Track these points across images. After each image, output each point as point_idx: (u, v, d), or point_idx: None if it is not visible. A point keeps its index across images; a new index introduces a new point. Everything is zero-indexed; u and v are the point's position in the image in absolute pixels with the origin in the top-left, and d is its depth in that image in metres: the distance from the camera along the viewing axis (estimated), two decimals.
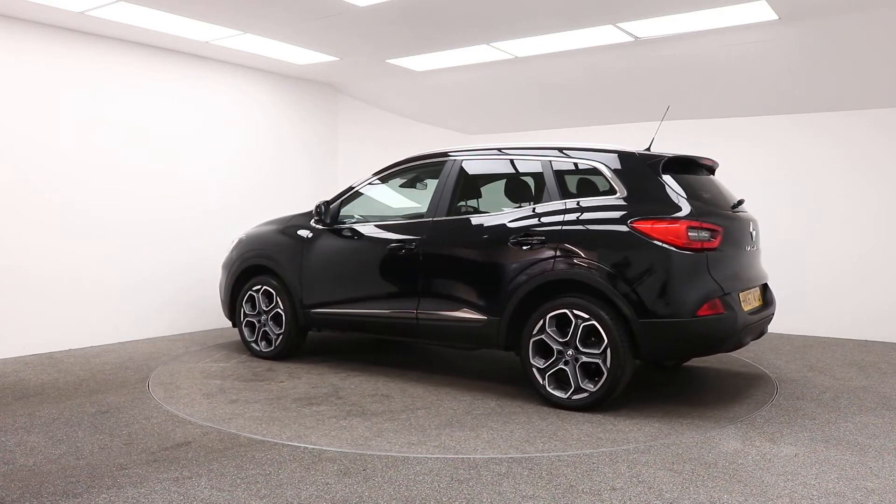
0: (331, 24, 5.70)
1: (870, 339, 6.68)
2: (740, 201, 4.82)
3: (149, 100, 6.53)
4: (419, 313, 4.85)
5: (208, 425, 3.93)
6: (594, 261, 4.22)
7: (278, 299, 5.56)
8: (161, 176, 6.64)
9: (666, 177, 4.32)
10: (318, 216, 5.44)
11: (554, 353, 4.30)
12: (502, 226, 4.60)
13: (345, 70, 7.40)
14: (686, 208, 4.16)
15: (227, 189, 7.22)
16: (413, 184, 5.67)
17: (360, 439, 3.72)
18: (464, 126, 9.11)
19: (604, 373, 4.15)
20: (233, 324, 5.97)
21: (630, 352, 4.15)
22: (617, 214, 4.24)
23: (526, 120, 8.45)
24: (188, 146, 6.87)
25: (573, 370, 4.24)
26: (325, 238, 5.41)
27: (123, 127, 6.34)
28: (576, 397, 4.23)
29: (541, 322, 4.34)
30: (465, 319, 4.66)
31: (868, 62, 5.89)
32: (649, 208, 4.19)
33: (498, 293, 4.52)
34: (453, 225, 4.85)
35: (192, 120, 6.91)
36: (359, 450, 3.55)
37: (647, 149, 4.58)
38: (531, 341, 4.39)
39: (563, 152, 4.67)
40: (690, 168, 4.66)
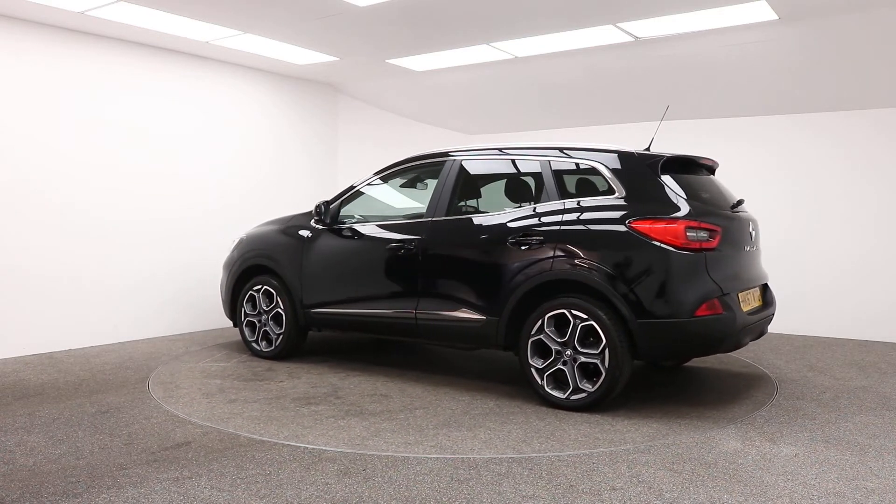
0: (331, 24, 5.70)
1: (870, 339, 6.68)
2: (740, 201, 4.81)
3: (149, 100, 6.53)
4: (418, 313, 4.85)
5: (208, 425, 3.94)
6: (593, 261, 4.21)
7: (279, 299, 5.57)
8: (161, 176, 6.65)
9: (665, 177, 4.31)
10: (318, 216, 5.44)
11: (552, 353, 4.30)
12: (501, 226, 4.60)
13: (345, 70, 7.41)
14: (685, 208, 4.16)
15: (227, 189, 7.23)
16: (413, 184, 5.67)
17: (358, 439, 3.72)
18: (464, 126, 9.11)
19: (602, 373, 4.15)
20: (234, 323, 5.98)
21: (628, 352, 4.15)
22: (615, 214, 4.24)
23: (526, 120, 8.45)
24: (188, 146, 6.88)
25: (571, 370, 4.24)
26: (324, 238, 5.42)
27: (123, 127, 6.34)
28: (574, 397, 4.24)
29: (539, 322, 4.34)
30: (464, 319, 4.66)
31: (868, 62, 5.89)
32: (648, 208, 4.19)
33: (497, 293, 4.52)
34: (452, 225, 4.85)
35: (192, 120, 6.91)
36: (356, 449, 3.55)
37: (647, 149, 4.58)
38: (530, 341, 4.39)
39: (563, 152, 4.67)
40: (690, 168, 4.66)
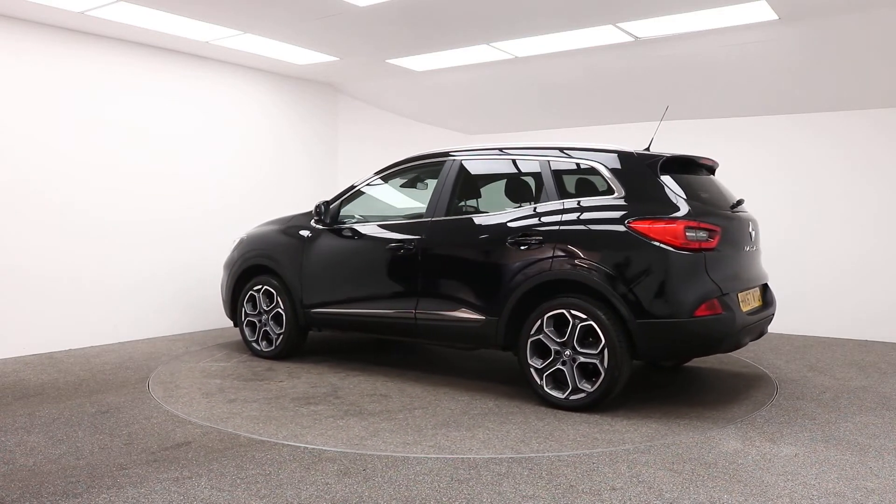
0: (331, 24, 5.70)
1: (870, 339, 6.68)
2: (740, 201, 4.80)
3: (149, 100, 6.53)
4: (418, 313, 4.85)
5: (208, 425, 3.94)
6: (592, 261, 4.21)
7: (279, 299, 5.57)
8: (161, 176, 6.65)
9: (665, 177, 4.31)
10: (318, 216, 5.44)
11: (552, 353, 4.30)
12: (500, 226, 4.60)
13: (345, 70, 7.41)
14: (684, 208, 4.15)
15: (227, 189, 7.23)
16: (413, 184, 5.67)
17: (356, 439, 3.72)
18: (464, 126, 9.11)
19: (601, 373, 4.15)
20: (234, 323, 5.98)
21: (628, 352, 4.14)
22: (615, 214, 4.24)
23: (526, 120, 8.45)
24: (188, 146, 6.88)
25: (571, 370, 4.24)
26: (324, 238, 5.42)
27: (123, 127, 6.34)
28: (573, 397, 4.23)
29: (539, 322, 4.34)
30: (463, 319, 4.66)
31: (868, 62, 5.89)
32: (647, 208, 4.18)
33: (496, 293, 4.52)
34: (452, 225, 4.85)
35: (192, 120, 6.91)
36: (356, 449, 3.55)
37: (646, 149, 4.58)
38: (529, 341, 4.38)
39: (563, 152, 4.66)
40: (690, 168, 4.65)
